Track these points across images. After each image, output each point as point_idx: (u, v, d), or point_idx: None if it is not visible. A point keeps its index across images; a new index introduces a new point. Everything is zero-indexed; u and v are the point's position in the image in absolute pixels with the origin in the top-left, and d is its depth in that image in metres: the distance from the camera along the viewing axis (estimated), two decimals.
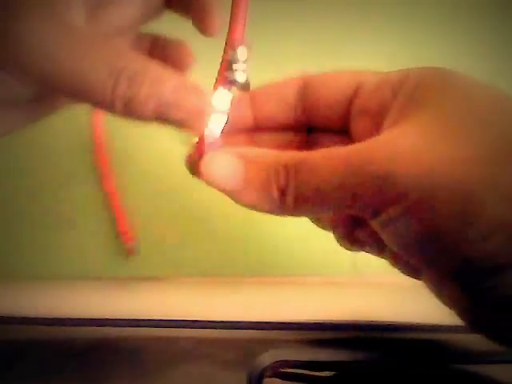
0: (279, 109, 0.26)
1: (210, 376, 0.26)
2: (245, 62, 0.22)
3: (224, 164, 0.21)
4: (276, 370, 0.26)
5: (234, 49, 0.22)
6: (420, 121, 0.20)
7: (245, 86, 0.22)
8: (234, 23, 0.22)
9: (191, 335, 0.28)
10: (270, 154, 0.21)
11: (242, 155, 0.21)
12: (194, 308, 0.30)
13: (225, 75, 0.22)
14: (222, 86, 0.22)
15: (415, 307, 0.31)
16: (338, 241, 0.26)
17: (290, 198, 0.20)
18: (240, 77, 0.22)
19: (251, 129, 0.27)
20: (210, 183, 0.22)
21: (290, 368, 0.26)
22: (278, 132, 0.27)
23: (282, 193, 0.20)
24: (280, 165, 0.20)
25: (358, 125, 0.24)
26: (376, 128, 0.22)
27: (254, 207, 0.21)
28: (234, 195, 0.21)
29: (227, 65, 0.22)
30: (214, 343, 0.28)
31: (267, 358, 0.27)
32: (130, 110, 0.20)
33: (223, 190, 0.21)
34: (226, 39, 0.22)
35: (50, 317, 0.29)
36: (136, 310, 0.30)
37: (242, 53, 0.22)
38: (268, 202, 0.21)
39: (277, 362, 0.27)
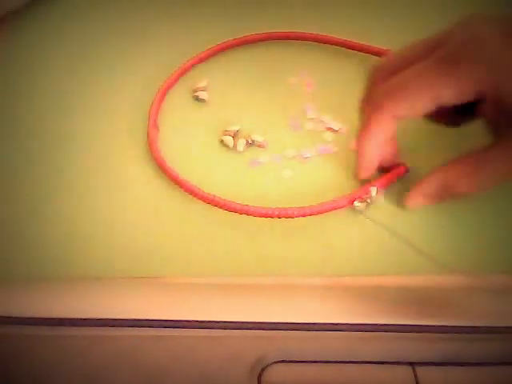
0: None
1: (209, 376, 0.26)
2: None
3: None
4: (276, 369, 0.26)
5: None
6: None
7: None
8: None
9: (191, 335, 0.28)
10: None
11: None
12: (194, 308, 0.30)
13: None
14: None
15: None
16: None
17: None
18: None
19: None
20: None
21: (290, 368, 0.26)
22: None
23: None
24: None
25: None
26: None
27: None
28: None
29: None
30: (214, 343, 0.28)
31: (267, 358, 0.27)
32: None
33: None
34: None
35: (50, 317, 0.29)
36: (136, 310, 0.30)
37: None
38: None
39: (277, 361, 0.27)
